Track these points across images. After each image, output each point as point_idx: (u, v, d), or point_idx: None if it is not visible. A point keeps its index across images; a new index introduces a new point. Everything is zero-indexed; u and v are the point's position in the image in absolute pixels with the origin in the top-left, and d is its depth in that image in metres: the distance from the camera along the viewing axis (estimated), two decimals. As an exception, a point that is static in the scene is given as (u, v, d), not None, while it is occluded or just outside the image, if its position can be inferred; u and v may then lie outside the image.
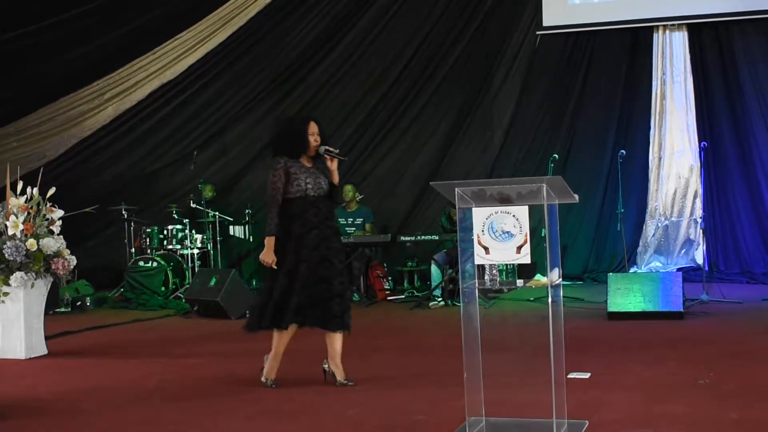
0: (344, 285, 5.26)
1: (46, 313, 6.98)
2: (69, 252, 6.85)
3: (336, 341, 5.28)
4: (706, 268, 9.53)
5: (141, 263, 10.22)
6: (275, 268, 5.13)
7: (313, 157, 5.32)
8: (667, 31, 11.10)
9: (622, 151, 9.52)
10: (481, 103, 11.65)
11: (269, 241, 5.14)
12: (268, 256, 5.13)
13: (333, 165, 5.31)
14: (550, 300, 3.96)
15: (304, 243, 5.14)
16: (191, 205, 10.79)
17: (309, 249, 5.15)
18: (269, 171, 5.25)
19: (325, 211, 5.27)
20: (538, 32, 11.44)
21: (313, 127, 5.28)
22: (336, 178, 5.34)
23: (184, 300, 9.58)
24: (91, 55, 12.09)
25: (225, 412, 4.82)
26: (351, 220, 10.54)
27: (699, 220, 10.45)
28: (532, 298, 8.97)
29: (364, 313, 9.02)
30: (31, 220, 6.74)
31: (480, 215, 4.00)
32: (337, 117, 11.93)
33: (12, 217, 6.65)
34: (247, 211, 11.22)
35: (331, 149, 5.31)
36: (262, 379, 5.34)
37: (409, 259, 10.62)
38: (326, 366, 5.37)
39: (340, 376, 5.30)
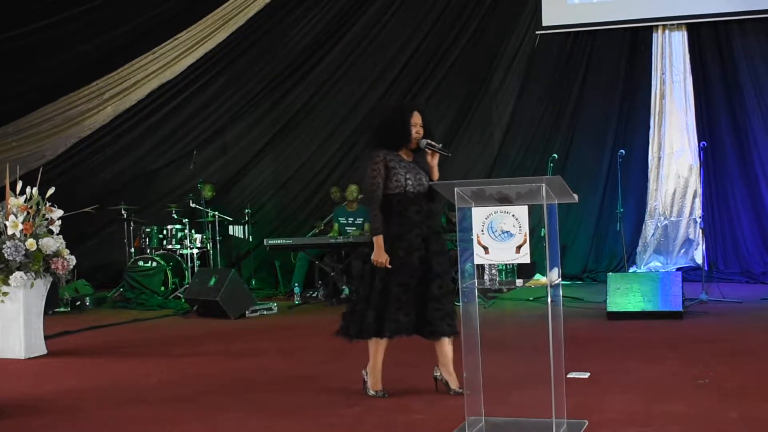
0: (443, 289, 4.85)
1: (45, 313, 6.97)
2: (68, 252, 6.85)
3: (446, 347, 4.92)
4: (706, 268, 9.53)
5: (140, 263, 10.22)
6: (389, 267, 4.77)
7: (414, 150, 4.98)
8: (667, 31, 11.10)
9: (622, 150, 9.53)
10: (481, 103, 11.65)
11: (378, 240, 4.78)
12: (380, 255, 4.77)
13: (434, 161, 4.98)
14: (549, 300, 3.96)
15: (403, 244, 4.81)
16: (191, 204, 10.79)
17: (408, 250, 4.81)
18: (368, 164, 4.90)
19: (426, 210, 4.91)
20: (537, 32, 11.43)
21: (416, 118, 4.92)
22: (436, 175, 4.98)
23: (183, 300, 9.58)
24: (90, 55, 12.09)
25: (224, 411, 4.82)
26: (352, 219, 10.54)
27: (698, 220, 10.46)
28: (531, 298, 8.98)
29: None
30: (31, 219, 6.74)
31: (479, 215, 4.00)
32: (336, 116, 11.96)
33: (11, 217, 6.65)
34: (246, 210, 11.23)
35: (433, 143, 4.95)
36: (371, 392, 4.97)
37: (409, 258, 10.60)
38: (438, 374, 5.02)
39: (454, 384, 4.95)
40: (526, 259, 3.95)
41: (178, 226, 10.54)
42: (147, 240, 10.53)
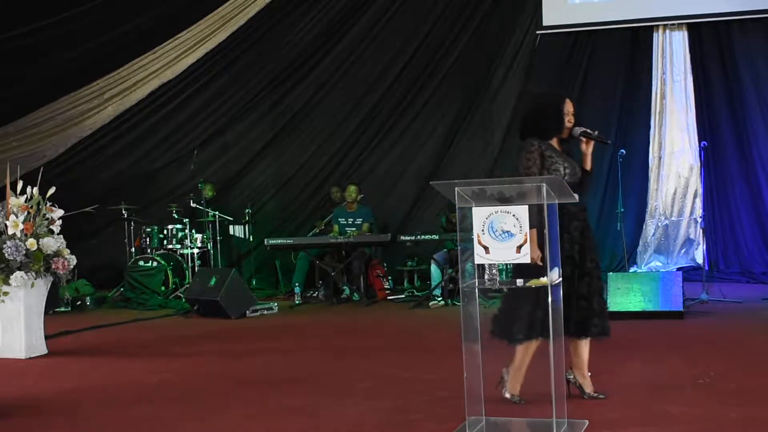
0: (592, 287, 4.56)
1: (46, 313, 6.97)
2: (69, 251, 6.85)
3: (583, 349, 4.68)
4: (706, 268, 9.52)
5: (141, 263, 10.22)
6: (541, 264, 4.22)
7: (564, 139, 4.79)
8: (667, 31, 11.10)
9: (622, 150, 9.51)
10: (481, 103, 11.64)
11: (532, 234, 4.14)
12: (533, 251, 4.14)
13: (588, 149, 4.78)
14: (550, 300, 3.96)
15: (565, 236, 4.45)
16: (191, 204, 10.79)
17: (571, 242, 4.49)
18: (522, 153, 4.66)
19: (581, 201, 4.58)
20: (537, 32, 11.43)
21: (569, 106, 4.74)
22: (589, 164, 4.78)
23: (184, 299, 9.58)
24: (90, 55, 12.10)
25: (225, 411, 4.82)
26: (351, 220, 10.55)
27: (699, 220, 10.45)
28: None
29: (364, 313, 9.04)
30: (31, 219, 6.73)
31: (480, 215, 4.00)
32: (336, 117, 11.95)
33: (12, 217, 6.64)
34: (247, 210, 11.23)
35: (588, 131, 4.75)
36: (507, 395, 4.61)
37: (409, 258, 10.62)
38: (570, 377, 4.73)
39: (588, 388, 4.71)
40: (527, 259, 3.96)
41: (179, 226, 10.54)
42: (147, 240, 10.54)
